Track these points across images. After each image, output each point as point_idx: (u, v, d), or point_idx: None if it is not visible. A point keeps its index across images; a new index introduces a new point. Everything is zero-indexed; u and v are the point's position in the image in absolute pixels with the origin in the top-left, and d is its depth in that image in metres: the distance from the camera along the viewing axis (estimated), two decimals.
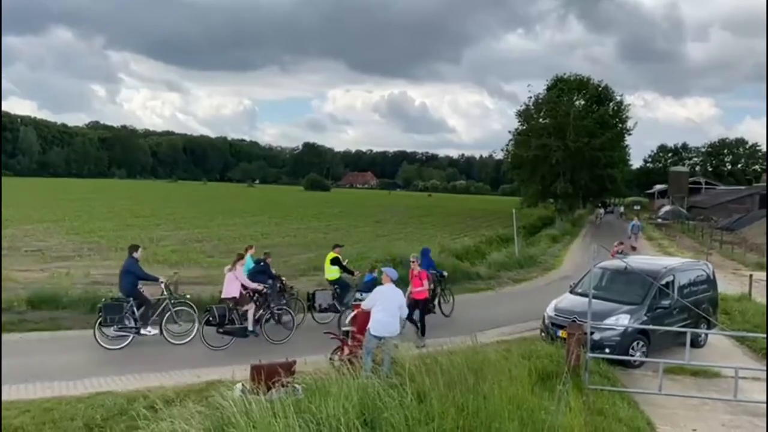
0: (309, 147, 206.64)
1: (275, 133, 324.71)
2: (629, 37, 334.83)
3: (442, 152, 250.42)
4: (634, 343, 11.39)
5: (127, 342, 11.80)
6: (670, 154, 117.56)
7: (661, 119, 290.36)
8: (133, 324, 11.80)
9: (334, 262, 14.79)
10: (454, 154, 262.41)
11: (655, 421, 8.70)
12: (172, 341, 12.09)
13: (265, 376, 7.94)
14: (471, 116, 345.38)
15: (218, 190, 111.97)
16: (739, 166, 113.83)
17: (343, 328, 10.77)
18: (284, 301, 13.64)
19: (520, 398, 7.37)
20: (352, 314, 10.85)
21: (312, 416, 6.11)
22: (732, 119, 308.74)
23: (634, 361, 11.25)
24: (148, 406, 7.51)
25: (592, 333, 10.38)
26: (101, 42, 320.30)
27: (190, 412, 6.50)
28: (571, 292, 13.57)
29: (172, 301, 12.45)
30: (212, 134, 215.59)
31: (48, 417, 8.14)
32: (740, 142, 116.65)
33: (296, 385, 7.85)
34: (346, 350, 10.06)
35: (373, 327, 9.36)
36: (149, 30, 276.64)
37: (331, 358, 10.23)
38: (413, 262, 13.51)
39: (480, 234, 37.65)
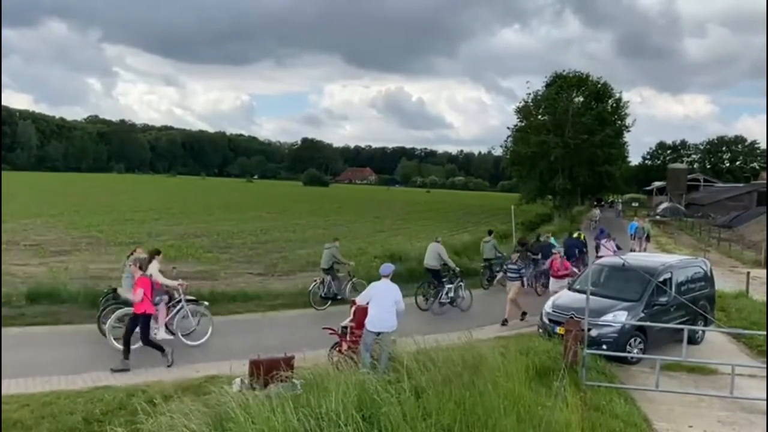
0: (308, 142, 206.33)
1: (272, 128, 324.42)
2: (626, 33, 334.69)
3: (440, 148, 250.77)
4: (632, 340, 11.43)
5: None
6: (668, 151, 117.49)
7: (658, 116, 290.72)
8: None
9: None
10: (451, 149, 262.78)
11: (652, 417, 8.74)
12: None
13: (264, 371, 7.98)
14: (468, 112, 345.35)
15: (217, 185, 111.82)
16: (738, 163, 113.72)
17: (342, 324, 10.80)
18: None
19: (518, 394, 7.41)
20: (352, 310, 10.87)
21: (311, 411, 6.14)
22: (730, 116, 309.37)
23: (632, 357, 11.31)
24: (147, 400, 7.55)
25: (589, 329, 10.41)
26: (96, 35, 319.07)
27: (189, 407, 6.52)
28: (569, 288, 13.63)
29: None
30: (209, 129, 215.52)
31: (47, 411, 8.17)
32: (739, 139, 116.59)
33: (294, 381, 7.88)
34: (345, 346, 10.09)
35: (369, 323, 9.40)
36: (144, 23, 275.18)
37: (329, 354, 10.26)
38: (132, 266, 10.95)
39: (479, 230, 37.64)
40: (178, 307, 12.02)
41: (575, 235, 22.36)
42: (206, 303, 12.60)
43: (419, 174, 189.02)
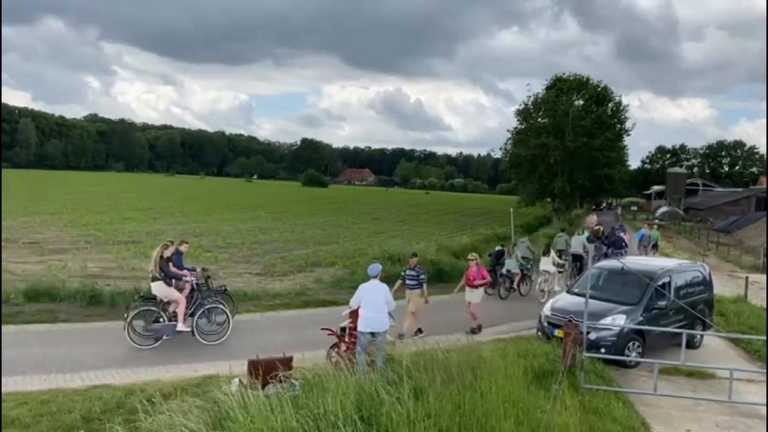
0: (307, 143, 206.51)
1: (271, 128, 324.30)
2: (624, 36, 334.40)
3: (438, 150, 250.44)
4: (630, 344, 11.42)
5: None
6: (668, 155, 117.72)
7: (657, 120, 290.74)
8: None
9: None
10: (450, 151, 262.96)
11: (650, 421, 8.75)
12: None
13: (263, 371, 7.97)
14: (466, 114, 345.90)
15: (216, 184, 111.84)
16: (737, 168, 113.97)
17: (340, 325, 10.80)
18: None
19: (516, 396, 7.40)
20: (349, 311, 10.87)
21: (309, 412, 6.13)
22: (728, 121, 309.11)
23: (630, 361, 11.30)
24: (146, 399, 7.54)
25: (588, 333, 10.42)
26: (94, 33, 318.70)
27: (188, 405, 6.52)
28: (568, 291, 13.63)
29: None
30: (207, 128, 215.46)
31: (45, 409, 8.15)
32: (738, 144, 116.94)
33: (293, 381, 7.87)
34: (343, 346, 10.09)
35: (361, 324, 9.38)
36: (141, 21, 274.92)
37: (328, 354, 10.26)
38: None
39: (477, 232, 37.70)
40: None
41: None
42: None
43: (418, 176, 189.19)
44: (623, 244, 22.71)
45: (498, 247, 20.19)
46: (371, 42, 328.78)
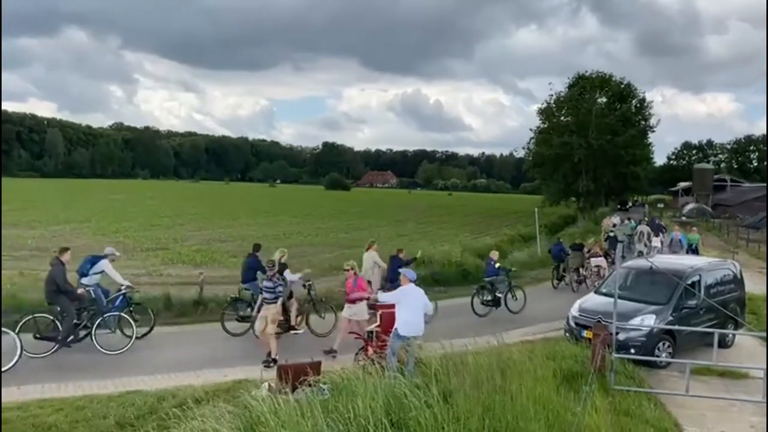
0: (329, 146, 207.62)
1: (291, 132, 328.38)
2: (644, 31, 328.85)
3: (460, 150, 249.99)
4: (660, 344, 11.27)
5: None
6: (694, 151, 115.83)
7: (681, 115, 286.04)
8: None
9: None
10: (471, 152, 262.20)
11: (682, 422, 8.62)
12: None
13: (292, 375, 8.04)
14: (486, 114, 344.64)
15: (240, 190, 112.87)
16: (766, 163, 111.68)
17: (367, 329, 10.85)
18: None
19: (546, 398, 7.36)
20: (377, 314, 10.90)
21: (339, 416, 6.18)
22: (754, 114, 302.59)
23: (660, 361, 11.16)
24: (178, 404, 7.66)
25: (617, 333, 10.31)
26: (115, 42, 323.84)
27: (220, 411, 6.61)
28: (595, 292, 13.50)
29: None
30: (230, 134, 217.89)
31: (81, 415, 8.34)
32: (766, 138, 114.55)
33: (322, 385, 7.93)
34: (371, 350, 10.13)
35: (401, 327, 9.40)
36: (160, 29, 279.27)
37: (356, 358, 10.31)
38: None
39: (502, 233, 37.48)
40: None
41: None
42: None
43: (440, 177, 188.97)
44: (663, 228, 28.40)
45: (611, 235, 25.62)
46: (388, 44, 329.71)
